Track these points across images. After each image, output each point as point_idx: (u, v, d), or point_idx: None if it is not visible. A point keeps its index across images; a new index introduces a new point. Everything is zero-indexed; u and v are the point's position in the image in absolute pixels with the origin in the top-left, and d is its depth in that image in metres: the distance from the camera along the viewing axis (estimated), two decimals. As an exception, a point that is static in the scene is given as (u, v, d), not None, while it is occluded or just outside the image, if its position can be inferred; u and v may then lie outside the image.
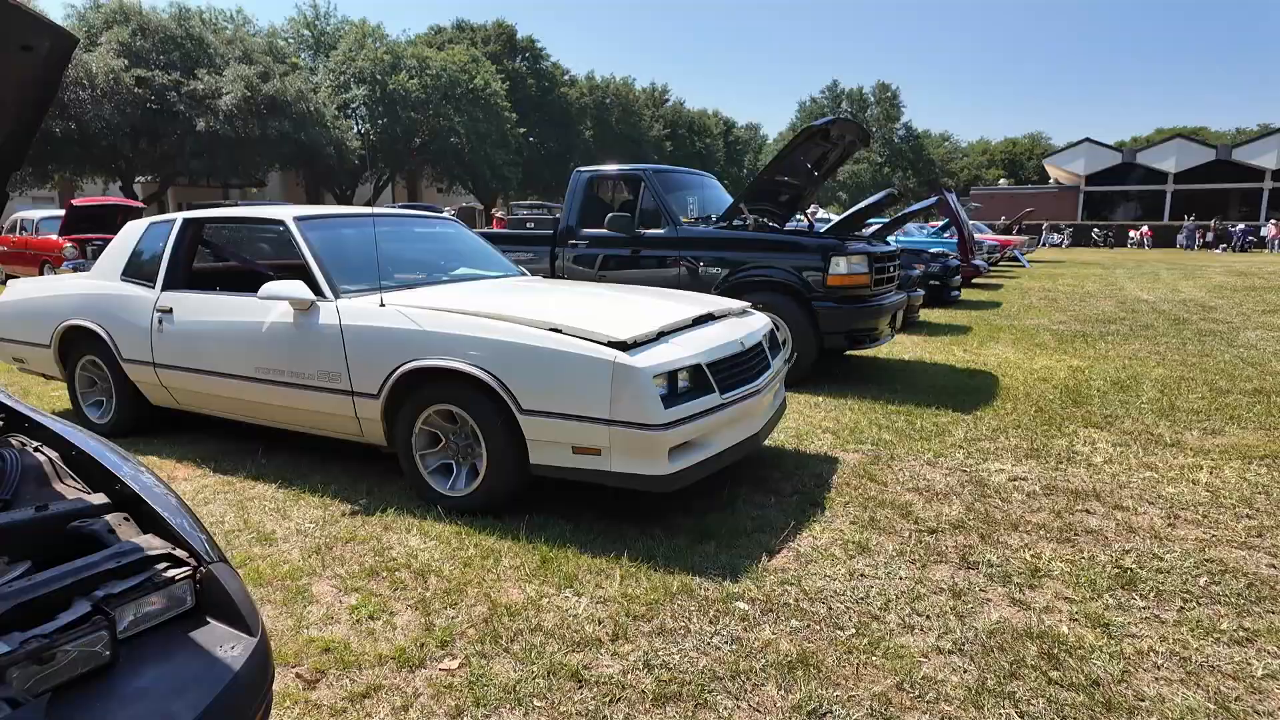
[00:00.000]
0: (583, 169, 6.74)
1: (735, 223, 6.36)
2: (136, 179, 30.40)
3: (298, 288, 3.58)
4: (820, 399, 5.55)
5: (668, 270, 6.21)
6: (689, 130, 55.65)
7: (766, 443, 4.42)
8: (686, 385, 3.16)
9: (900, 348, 7.92)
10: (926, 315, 10.65)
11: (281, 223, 3.92)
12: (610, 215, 6.20)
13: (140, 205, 16.14)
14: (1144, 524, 3.29)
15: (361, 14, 36.54)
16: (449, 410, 3.29)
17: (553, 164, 43.84)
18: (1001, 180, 60.60)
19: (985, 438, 4.61)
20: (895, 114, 62.69)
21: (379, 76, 33.83)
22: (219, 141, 26.43)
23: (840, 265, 5.64)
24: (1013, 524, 3.28)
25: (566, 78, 48.29)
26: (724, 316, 3.83)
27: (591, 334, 3.01)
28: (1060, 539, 3.13)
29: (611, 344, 2.97)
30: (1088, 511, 3.43)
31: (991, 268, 18.74)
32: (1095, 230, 40.96)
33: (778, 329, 5.84)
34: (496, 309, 3.28)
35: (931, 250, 13.52)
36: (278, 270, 4.66)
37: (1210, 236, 36.89)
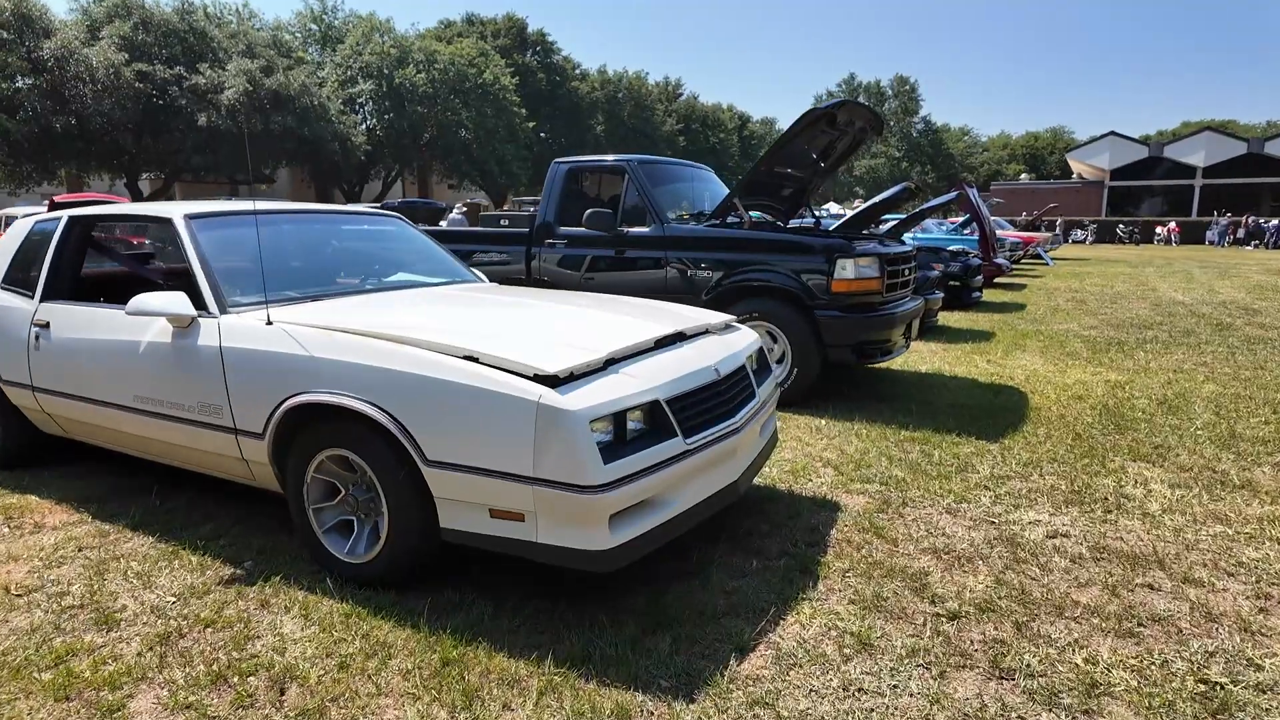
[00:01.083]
0: (561, 160, 6.06)
1: (730, 220, 5.65)
2: (144, 175, 30.12)
3: (174, 301, 2.93)
4: (822, 422, 4.84)
5: (654, 273, 5.52)
6: (703, 125, 54.82)
7: (755, 480, 3.73)
8: (640, 428, 2.48)
9: (917, 357, 7.19)
10: (945, 319, 9.90)
11: (169, 221, 3.27)
12: (589, 211, 5.52)
13: (126, 201, 15.67)
14: (1226, 607, 2.57)
15: (370, 8, 35.98)
16: (345, 456, 2.63)
17: (563, 159, 43.15)
18: (1023, 175, 59.28)
19: (1015, 474, 3.90)
20: (914, 107, 61.50)
21: (385, 71, 33.33)
22: (221, 137, 26.01)
23: (846, 268, 4.93)
24: (1056, 606, 2.57)
25: (577, 72, 47.61)
26: (700, 335, 3.14)
27: (514, 364, 2.33)
28: (1120, 631, 2.42)
29: (538, 378, 2.30)
30: (1151, 586, 2.71)
31: (1014, 266, 17.88)
32: (1120, 226, 39.78)
33: (775, 340, 5.14)
34: (405, 329, 2.62)
35: (951, 248, 12.74)
36: (175, 279, 4.02)
37: (1242, 233, 35.63)
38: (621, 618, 2.46)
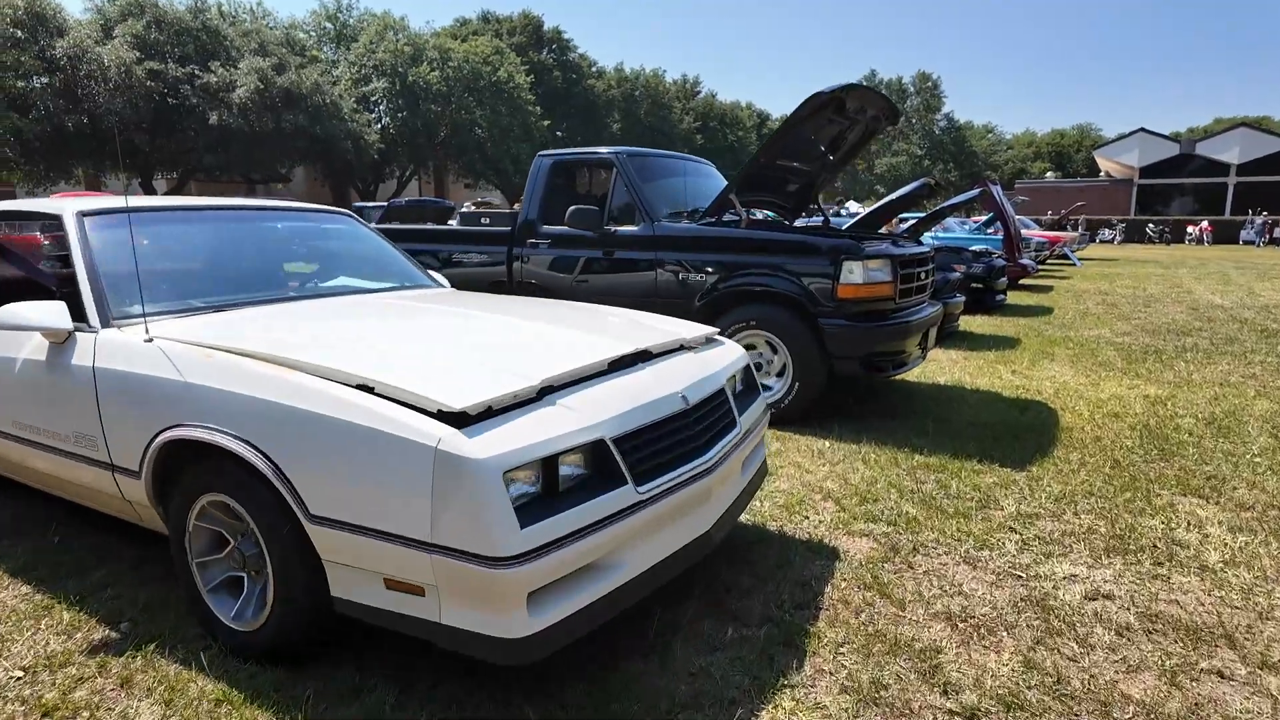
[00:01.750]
0: (546, 153, 5.59)
1: (727, 218, 5.15)
2: (161, 175, 30.11)
3: (48, 312, 2.48)
4: (826, 445, 4.33)
5: (644, 276, 5.03)
6: (720, 123, 54.15)
7: (741, 518, 3.23)
8: (578, 476, 1.99)
9: (935, 367, 6.63)
10: (967, 323, 9.31)
11: (58, 219, 2.83)
12: (572, 209, 5.04)
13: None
14: (1320, 705, 2.03)
15: (385, 6, 35.77)
16: (227, 503, 2.17)
17: (579, 158, 42.71)
18: (1048, 173, 58.05)
19: (1046, 512, 3.36)
20: (936, 104, 60.40)
21: (399, 69, 33.09)
22: (233, 136, 25.85)
23: (854, 272, 4.41)
24: (1101, 702, 2.05)
25: (594, 70, 47.17)
26: (671, 352, 2.65)
27: (413, 396, 1.86)
28: (1186, 740, 1.90)
29: (442, 415, 1.82)
30: (1220, 674, 2.18)
31: (1040, 267, 17.18)
32: (1150, 226, 38.66)
33: (775, 350, 4.63)
34: (296, 349, 2.15)
35: (973, 248, 12.13)
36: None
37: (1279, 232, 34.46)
38: (554, 713, 1.98)
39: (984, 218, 17.79)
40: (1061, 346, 7.75)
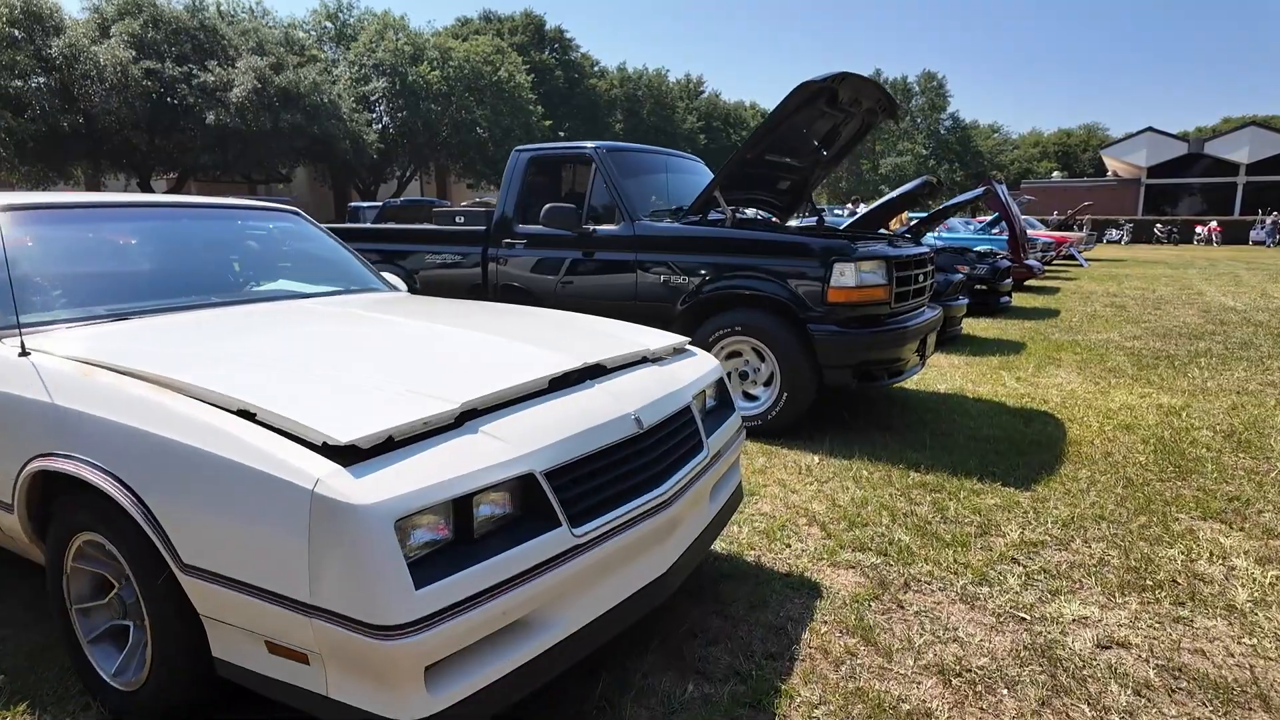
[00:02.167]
0: (523, 147, 5.30)
1: (713, 217, 4.84)
2: (164, 175, 29.95)
3: (-84, 321, 2.20)
4: (815, 460, 4.02)
5: (623, 279, 4.73)
6: (724, 123, 53.81)
7: (716, 545, 2.93)
8: (501, 518, 1.70)
9: (935, 374, 6.32)
10: (971, 327, 8.99)
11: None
12: (547, 207, 4.74)
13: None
14: (1378, 790, 1.72)
15: (386, 6, 35.49)
16: (103, 543, 1.88)
17: (581, 158, 42.44)
18: (1055, 173, 57.58)
19: (1052, 539, 3.05)
20: (941, 104, 59.96)
21: (400, 68, 32.87)
22: (230, 135, 25.63)
23: (845, 274, 4.10)
24: (1120, 783, 1.74)
25: (596, 69, 46.91)
26: (632, 366, 2.35)
27: (298, 426, 1.56)
28: (1221, 837, 1.59)
29: (328, 449, 1.52)
30: (1258, 745, 1.87)
31: (1046, 268, 16.82)
32: (1158, 226, 38.20)
33: (763, 358, 4.33)
34: (181, 367, 1.85)
35: (978, 249, 11.80)
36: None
37: (1289, 232, 33.99)
38: (470, 795, 1.68)
39: (989, 218, 17.46)
40: (1069, 351, 7.42)
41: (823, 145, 5.27)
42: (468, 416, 1.76)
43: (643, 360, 2.46)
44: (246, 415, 1.63)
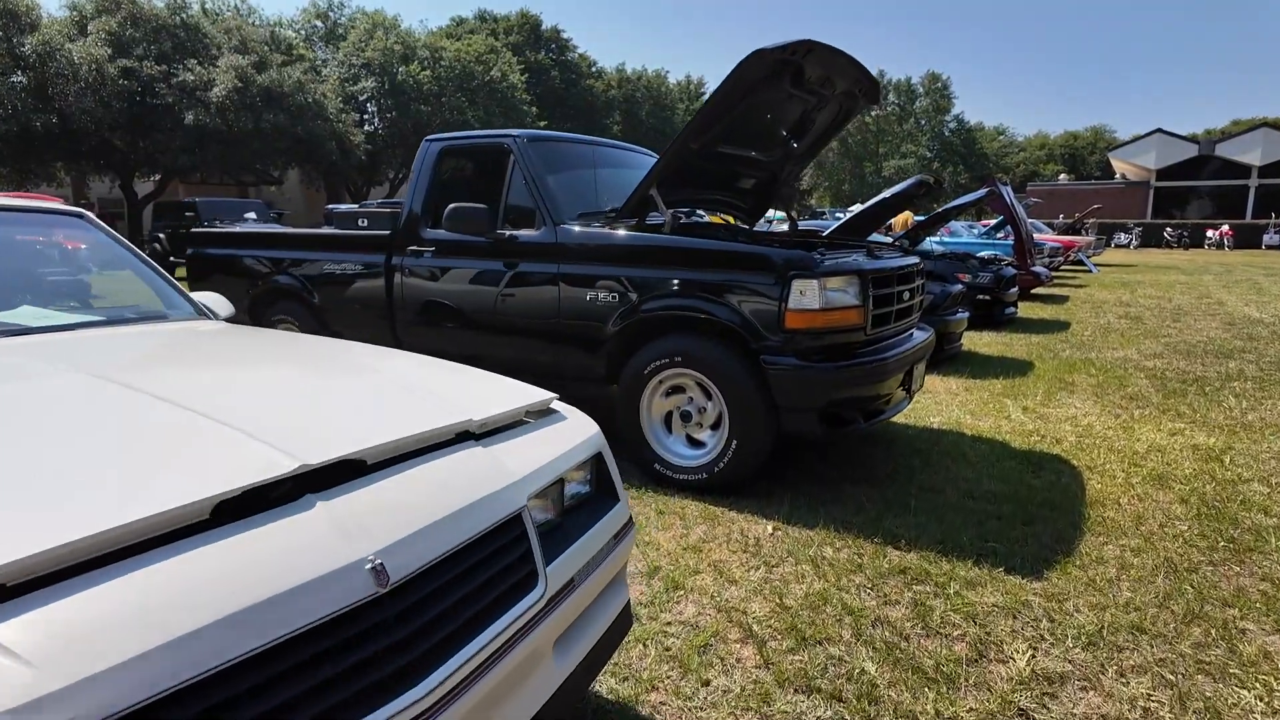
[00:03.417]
0: (434, 136, 4.45)
1: (652, 220, 4.00)
2: (143, 177, 29.24)
3: None
4: (767, 529, 3.16)
5: (545, 296, 3.89)
6: (724, 124, 52.98)
7: (599, 687, 2.07)
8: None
9: (929, 402, 5.45)
10: (972, 342, 8.12)
11: None
12: (450, 208, 3.90)
13: (72, 207, 14.66)
14: None
15: (379, 5, 34.70)
16: None
17: (577, 160, 41.71)
18: (1062, 175, 56.62)
19: (1073, 669, 2.19)
20: (946, 105, 59.06)
21: (389, 68, 32.11)
22: (209, 135, 24.86)
23: (807, 293, 3.24)
24: None
25: (593, 70, 46.15)
26: (409, 459, 1.50)
27: None
28: None
29: None
30: None
31: (1054, 275, 15.93)
32: (1168, 230, 37.23)
33: (709, 395, 3.49)
34: None
35: (981, 255, 10.94)
36: None
37: (1304, 237, 33.03)
38: None
39: (993, 222, 16.60)
40: (1082, 372, 6.55)
41: (793, 136, 4.42)
42: (20, 591, 0.93)
43: (456, 440, 1.62)
44: None
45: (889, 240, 10.56)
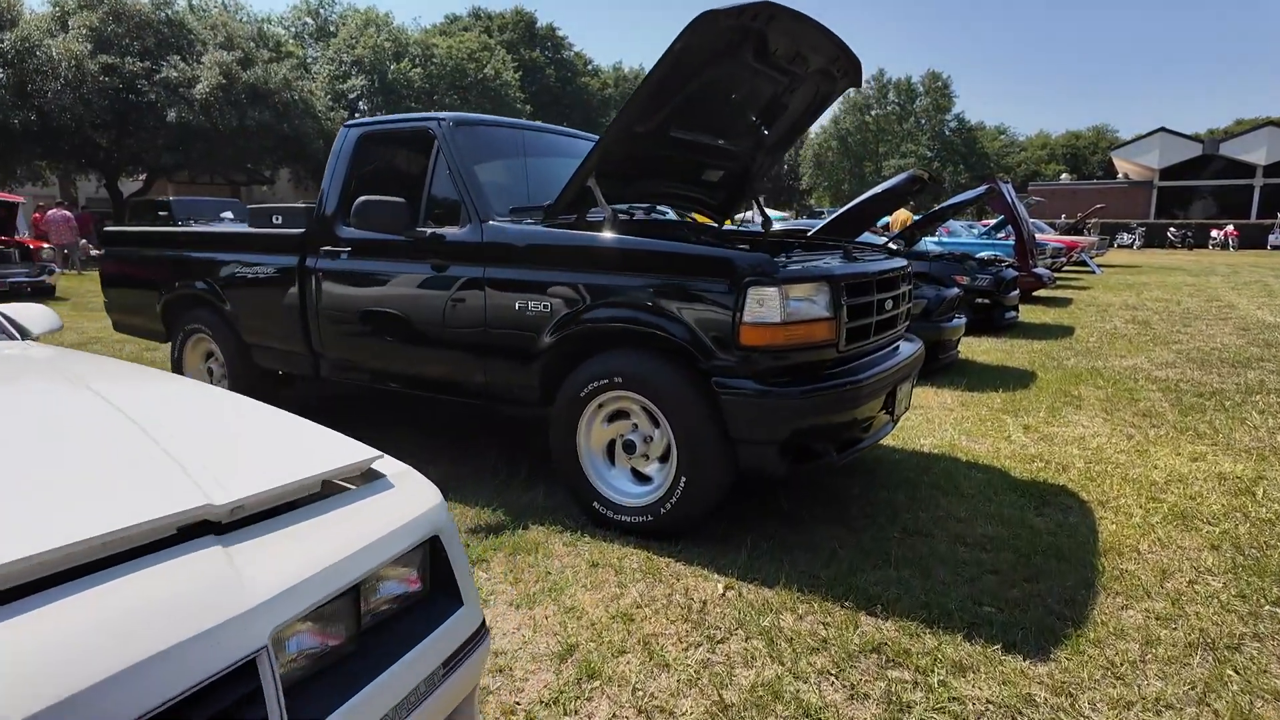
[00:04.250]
0: (353, 121, 3.92)
1: (592, 218, 3.46)
2: (129, 175, 28.72)
3: None
4: (717, 588, 2.62)
5: (468, 304, 3.35)
6: (722, 123, 52.41)
7: None
8: None
9: (920, 419, 4.91)
10: (970, 349, 7.58)
11: None
12: (360, 201, 3.36)
13: (18, 200, 14.27)
14: None
15: (370, 2, 33.92)
16: None
17: (572, 159, 41.22)
18: (1063, 175, 56.03)
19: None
20: (946, 104, 58.39)
21: (380, 65, 31.56)
22: (193, 133, 24.32)
23: (765, 303, 2.70)
24: None
25: (589, 67, 45.61)
26: (70, 582, 0.97)
27: None
28: None
29: None
30: None
31: (1056, 276, 15.37)
32: (1171, 230, 36.64)
33: (656, 422, 2.96)
34: None
35: (980, 255, 10.41)
36: None
37: (1310, 237, 32.44)
38: None
39: (993, 221, 16.06)
40: (1089, 384, 6.01)
41: (763, 121, 3.88)
42: None
43: (185, 536, 1.09)
44: None
45: (883, 240, 10.03)
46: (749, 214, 15.92)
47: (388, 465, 1.46)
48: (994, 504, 3.44)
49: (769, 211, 5.21)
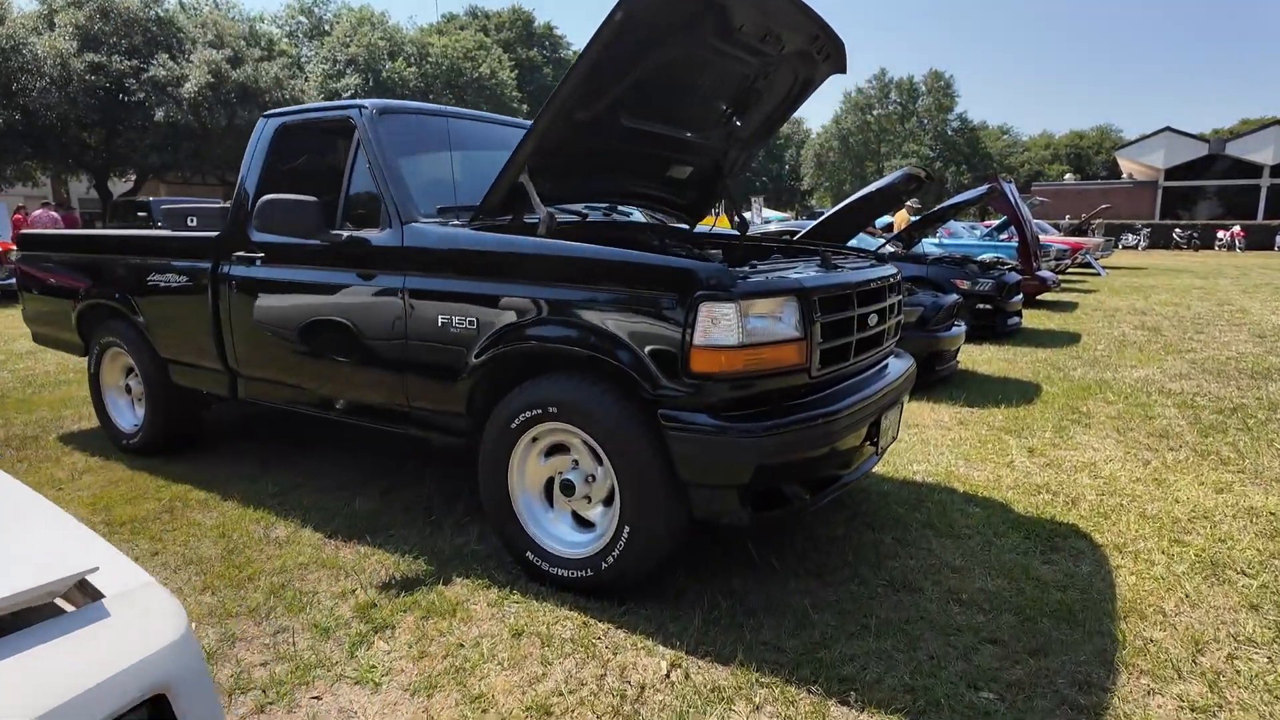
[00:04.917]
0: (272, 112, 3.49)
1: (529, 220, 3.01)
2: (119, 175, 28.33)
3: None
4: (660, 665, 2.17)
5: (387, 315, 2.91)
6: (722, 123, 51.90)
7: None
8: None
9: (913, 441, 4.46)
10: (971, 358, 7.13)
11: None
12: (264, 201, 2.92)
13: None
14: None
15: (365, 1, 33.39)
16: None
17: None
18: (1067, 175, 55.50)
19: None
20: (949, 104, 57.89)
21: (374, 64, 31.16)
22: (181, 133, 23.92)
23: (720, 321, 2.26)
24: None
25: (588, 67, 45.19)
26: None
27: None
28: None
29: None
30: None
31: (1060, 279, 14.90)
32: (1177, 231, 36.11)
33: (600, 460, 2.52)
34: None
35: (981, 257, 9.96)
36: None
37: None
38: None
39: (996, 223, 15.61)
40: (1098, 398, 5.55)
41: (734, 111, 3.44)
42: None
43: None
44: None
45: (881, 241, 9.57)
46: (751, 214, 15.47)
47: (114, 578, 1.01)
48: (994, 548, 2.99)
49: (768, 212, 4.79)
